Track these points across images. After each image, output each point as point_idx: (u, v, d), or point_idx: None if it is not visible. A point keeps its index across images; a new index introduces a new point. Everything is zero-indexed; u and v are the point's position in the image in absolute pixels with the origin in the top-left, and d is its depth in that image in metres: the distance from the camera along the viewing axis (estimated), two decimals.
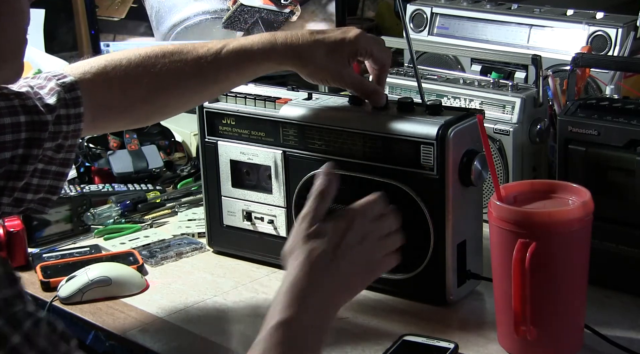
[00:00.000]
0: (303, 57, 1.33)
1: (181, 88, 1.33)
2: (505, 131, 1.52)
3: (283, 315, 0.99)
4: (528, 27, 1.84)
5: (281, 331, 0.98)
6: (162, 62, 1.31)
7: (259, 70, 1.35)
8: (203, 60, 1.32)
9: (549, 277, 1.12)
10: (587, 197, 1.15)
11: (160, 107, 1.35)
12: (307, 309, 1.01)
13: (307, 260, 1.05)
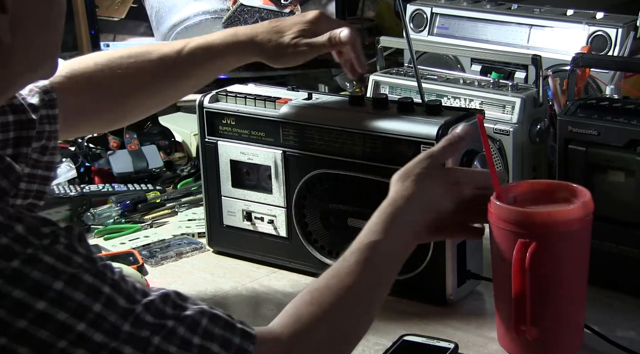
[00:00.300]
0: (264, 45, 1.36)
1: (149, 88, 1.35)
2: (505, 131, 1.52)
3: (374, 237, 1.05)
4: (528, 27, 1.84)
5: (369, 251, 1.04)
6: (127, 63, 1.33)
7: (224, 65, 1.38)
8: (167, 59, 1.34)
9: (549, 277, 1.12)
10: (587, 197, 1.15)
11: (131, 108, 1.37)
12: (395, 236, 1.07)
13: (412, 189, 1.10)
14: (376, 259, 1.04)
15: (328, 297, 0.98)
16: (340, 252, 1.37)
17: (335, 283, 0.99)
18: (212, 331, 0.85)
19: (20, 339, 0.72)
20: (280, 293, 1.37)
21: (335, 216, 1.36)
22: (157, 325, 0.80)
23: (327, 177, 1.35)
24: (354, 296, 1.00)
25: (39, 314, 0.73)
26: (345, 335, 1.00)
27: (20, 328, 0.72)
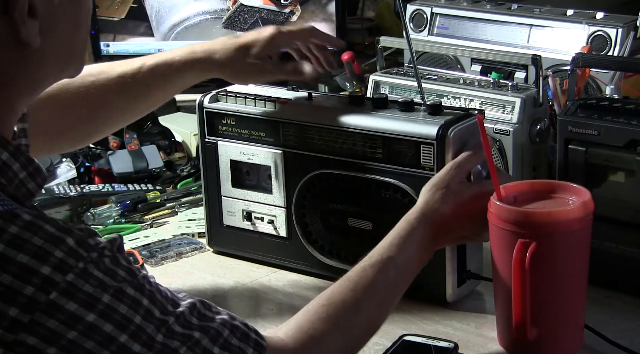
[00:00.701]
0: (222, 62, 1.36)
1: (112, 106, 1.35)
2: (505, 131, 1.52)
3: (395, 252, 1.09)
4: (528, 27, 1.84)
5: (388, 268, 1.07)
6: (88, 82, 1.33)
7: (183, 82, 1.38)
8: (126, 76, 1.34)
9: (549, 277, 1.12)
10: (587, 197, 1.15)
11: (99, 124, 1.38)
12: (414, 253, 1.11)
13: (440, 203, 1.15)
14: (393, 276, 1.07)
15: (344, 314, 1.00)
16: (341, 252, 1.38)
17: (352, 300, 1.01)
18: (230, 341, 0.89)
19: (68, 350, 0.75)
20: (280, 293, 1.37)
21: (335, 216, 1.36)
22: (185, 336, 0.84)
23: (327, 177, 1.35)
24: (369, 313, 1.03)
25: (88, 325, 0.75)
26: (354, 349, 1.03)
27: (70, 339, 0.75)
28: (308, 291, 1.37)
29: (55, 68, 0.91)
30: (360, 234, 1.34)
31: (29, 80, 0.89)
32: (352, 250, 1.36)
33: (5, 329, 0.73)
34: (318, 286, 1.38)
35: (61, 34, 0.89)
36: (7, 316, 0.73)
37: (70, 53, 0.92)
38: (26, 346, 0.73)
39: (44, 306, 0.74)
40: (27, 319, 0.73)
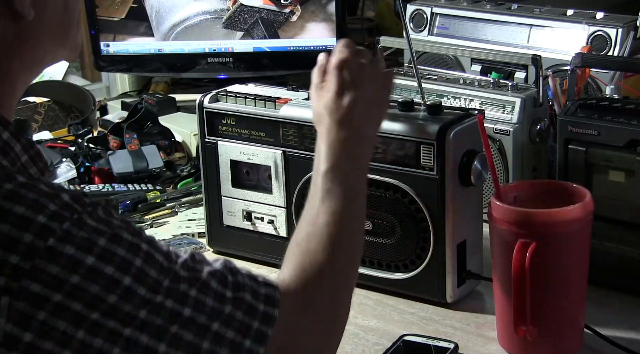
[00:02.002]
0: None
1: None
2: (505, 131, 1.52)
3: (325, 165, 1.04)
4: (528, 27, 1.84)
5: (326, 177, 1.03)
6: None
7: None
8: None
9: (549, 277, 1.12)
10: (587, 197, 1.15)
11: None
12: (345, 152, 1.05)
13: (326, 108, 1.09)
14: (335, 186, 1.02)
15: (314, 243, 0.98)
16: None
17: (312, 229, 1.00)
18: (243, 281, 0.89)
19: (74, 295, 0.76)
20: None
21: None
22: (192, 278, 0.84)
23: None
24: (336, 230, 1.00)
25: (89, 269, 0.76)
26: (348, 265, 1.01)
27: (74, 284, 0.76)
28: None
29: (50, 45, 0.91)
30: None
31: (28, 57, 0.89)
32: None
33: (8, 277, 0.74)
34: None
35: (52, 9, 0.90)
36: (9, 264, 0.74)
37: (63, 32, 0.92)
38: (32, 294, 0.74)
39: (43, 252, 0.75)
40: (28, 265, 0.74)
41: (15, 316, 0.74)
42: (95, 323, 0.77)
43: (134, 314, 0.78)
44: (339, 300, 0.99)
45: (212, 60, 2.22)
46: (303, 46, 2.20)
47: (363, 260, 1.36)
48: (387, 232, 1.32)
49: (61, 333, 0.75)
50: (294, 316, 0.91)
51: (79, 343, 0.76)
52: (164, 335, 0.80)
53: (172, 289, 0.81)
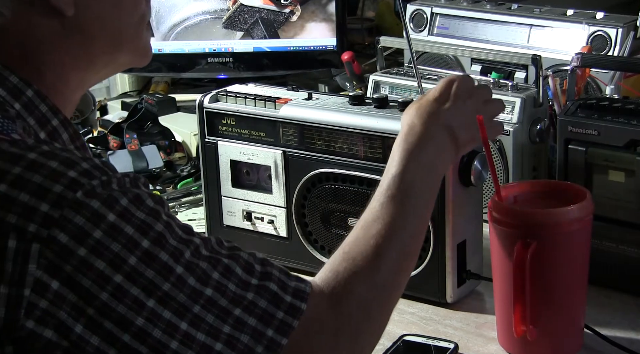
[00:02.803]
0: None
1: None
2: (505, 131, 1.52)
3: (392, 171, 1.02)
4: (528, 27, 1.84)
5: (390, 189, 1.01)
6: None
7: None
8: None
9: (549, 277, 1.12)
10: (587, 197, 1.15)
11: None
12: (417, 160, 1.04)
13: (419, 110, 1.08)
14: (400, 193, 1.00)
15: (357, 249, 0.96)
16: None
17: (362, 234, 0.97)
18: (271, 272, 0.89)
19: (97, 251, 0.78)
20: None
21: (335, 216, 1.36)
22: (213, 259, 0.84)
23: (327, 177, 1.35)
24: (386, 239, 0.97)
25: (110, 225, 0.78)
26: (387, 282, 0.98)
27: (97, 238, 0.78)
28: None
29: (103, 44, 0.93)
30: None
31: (77, 54, 0.92)
32: None
33: (39, 225, 0.76)
34: None
35: (98, 10, 0.91)
36: (40, 212, 0.77)
37: (117, 35, 0.94)
38: (60, 244, 0.77)
39: (71, 203, 0.77)
40: (57, 214, 0.77)
41: (45, 263, 0.76)
42: (119, 286, 0.78)
43: (157, 284, 0.79)
44: (369, 315, 0.95)
45: (212, 60, 2.22)
46: (303, 46, 2.20)
47: None
48: None
49: (85, 290, 0.77)
50: (317, 316, 0.89)
51: (102, 304, 0.77)
52: (186, 313, 0.80)
53: (192, 264, 0.82)
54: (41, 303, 0.76)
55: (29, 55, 0.89)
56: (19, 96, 0.88)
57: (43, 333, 0.76)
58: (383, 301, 0.97)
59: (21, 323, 0.76)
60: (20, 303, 0.76)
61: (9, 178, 0.78)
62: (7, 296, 0.76)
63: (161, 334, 0.79)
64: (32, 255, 0.76)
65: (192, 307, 0.81)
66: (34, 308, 0.76)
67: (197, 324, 0.81)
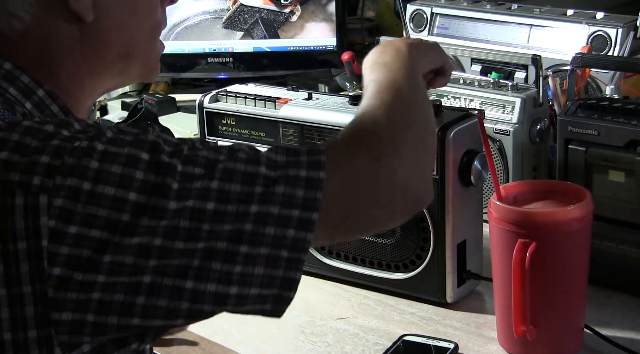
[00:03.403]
0: None
1: None
2: (505, 131, 1.52)
3: (372, 76, 1.01)
4: (528, 27, 1.84)
5: (374, 82, 1.00)
6: None
7: None
8: None
9: (549, 277, 1.12)
10: (587, 197, 1.15)
11: None
12: (391, 65, 1.03)
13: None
14: (380, 84, 0.99)
15: (366, 108, 0.95)
16: (340, 252, 1.38)
17: (366, 104, 0.96)
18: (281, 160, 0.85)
19: (102, 179, 0.78)
20: None
21: None
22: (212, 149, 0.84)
23: None
24: (390, 96, 0.96)
25: (103, 152, 0.79)
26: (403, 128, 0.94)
27: (94, 168, 0.78)
28: (308, 291, 1.37)
29: (118, 54, 0.94)
30: None
31: (92, 60, 0.92)
32: (352, 250, 1.36)
33: (43, 176, 0.77)
34: (318, 286, 1.38)
35: (116, 16, 0.92)
36: (41, 163, 0.77)
37: (132, 42, 0.95)
38: (65, 188, 0.77)
39: (71, 151, 0.78)
40: (59, 162, 0.77)
41: (56, 212, 0.76)
42: (136, 204, 0.77)
43: (168, 186, 0.78)
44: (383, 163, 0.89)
45: (212, 60, 2.22)
46: (303, 46, 2.20)
47: (363, 260, 1.36)
48: (387, 232, 1.32)
49: (104, 219, 0.77)
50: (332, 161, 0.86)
51: (125, 226, 0.77)
52: (204, 216, 0.79)
53: (191, 152, 0.81)
54: (62, 249, 0.77)
55: (46, 59, 0.90)
56: (30, 95, 0.88)
57: (73, 275, 0.77)
58: (402, 147, 0.92)
59: (47, 272, 0.76)
60: (41, 255, 0.76)
61: (9, 145, 0.78)
62: (26, 251, 0.76)
63: (189, 224, 0.79)
64: (42, 207, 0.76)
65: (202, 226, 0.79)
66: (55, 256, 0.76)
67: (217, 232, 0.80)
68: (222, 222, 0.80)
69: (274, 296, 0.85)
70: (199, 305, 0.80)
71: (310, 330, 1.26)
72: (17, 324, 0.77)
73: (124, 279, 0.78)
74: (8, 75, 0.88)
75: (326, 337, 1.24)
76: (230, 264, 0.80)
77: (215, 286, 0.80)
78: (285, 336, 1.25)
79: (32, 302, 0.77)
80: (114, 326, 0.78)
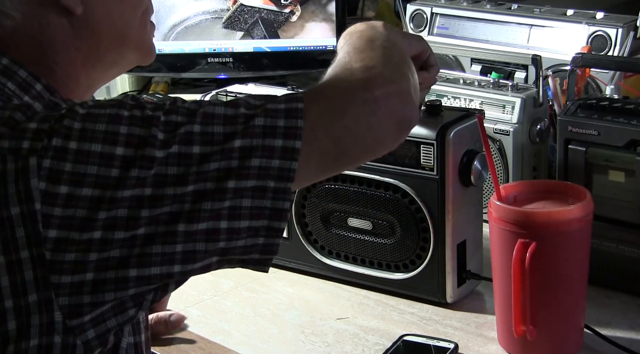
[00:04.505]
0: None
1: None
2: (505, 131, 1.52)
3: (344, 41, 1.03)
4: (528, 27, 1.84)
5: (347, 44, 1.01)
6: None
7: None
8: None
9: (549, 277, 1.12)
10: (587, 197, 1.15)
11: None
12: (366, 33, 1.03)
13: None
14: (360, 39, 1.01)
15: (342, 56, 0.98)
16: (340, 252, 1.38)
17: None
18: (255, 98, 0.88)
19: (87, 138, 0.79)
20: (281, 293, 1.37)
21: (335, 216, 1.36)
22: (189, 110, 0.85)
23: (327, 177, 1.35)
24: (364, 44, 0.98)
25: (86, 114, 0.81)
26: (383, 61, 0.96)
27: (78, 128, 0.79)
28: (308, 291, 1.37)
29: (111, 42, 0.95)
30: (360, 234, 1.34)
31: (86, 52, 0.93)
32: (352, 250, 1.36)
33: (32, 140, 0.79)
34: (318, 286, 1.39)
35: (105, 6, 0.93)
36: (29, 129, 0.79)
37: (123, 30, 0.96)
38: (52, 148, 0.78)
39: (57, 117, 0.80)
40: (46, 126, 0.79)
41: (45, 173, 0.78)
42: (124, 158, 0.79)
43: (151, 143, 0.80)
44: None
45: (212, 60, 2.21)
46: (303, 46, 2.20)
47: (363, 260, 1.36)
48: (387, 232, 1.32)
49: (94, 176, 0.78)
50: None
51: (116, 181, 0.78)
52: (187, 179, 0.80)
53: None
54: (55, 211, 0.77)
55: (41, 54, 0.91)
56: (28, 90, 0.89)
57: (69, 236, 0.78)
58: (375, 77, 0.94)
59: (43, 235, 0.77)
60: (35, 218, 0.77)
61: (1, 121, 0.80)
62: (21, 215, 0.77)
63: (176, 170, 0.80)
64: (32, 170, 0.77)
65: (185, 179, 0.81)
66: (50, 218, 0.77)
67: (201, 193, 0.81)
68: (208, 162, 0.81)
69: (264, 228, 0.85)
70: (192, 246, 0.81)
71: (310, 330, 1.26)
72: (16, 290, 0.78)
73: (119, 234, 0.79)
74: (5, 70, 0.89)
75: (326, 337, 1.24)
76: (219, 201, 0.81)
77: (206, 224, 0.81)
78: (285, 336, 1.25)
79: (30, 267, 0.78)
80: (112, 280, 0.79)
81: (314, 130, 0.86)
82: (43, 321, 0.79)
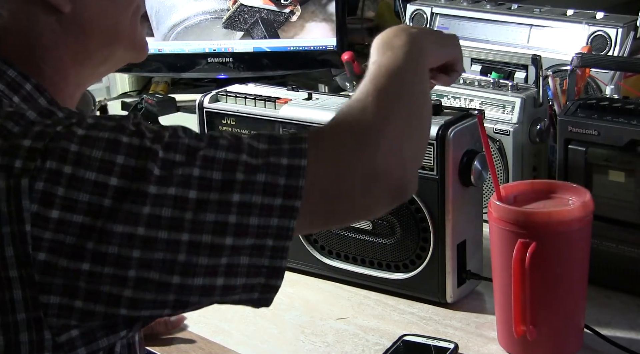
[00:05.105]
0: None
1: None
2: (505, 131, 1.52)
3: (376, 57, 0.98)
4: (528, 27, 1.84)
5: (376, 65, 0.97)
6: None
7: None
8: None
9: (549, 277, 1.12)
10: (587, 197, 1.15)
11: None
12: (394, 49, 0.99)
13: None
14: (381, 68, 0.96)
15: (357, 95, 0.93)
16: (340, 252, 1.38)
17: (354, 103, 0.92)
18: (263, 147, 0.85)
19: (82, 164, 0.78)
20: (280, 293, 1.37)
21: None
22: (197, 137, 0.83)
23: None
24: (384, 81, 0.94)
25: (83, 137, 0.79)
26: (392, 105, 0.93)
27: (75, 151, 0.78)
28: (308, 291, 1.37)
29: (101, 40, 0.94)
30: (360, 234, 1.34)
31: (75, 50, 0.92)
32: (352, 250, 1.36)
33: (25, 159, 0.77)
34: (318, 286, 1.38)
35: (94, 4, 0.92)
36: (23, 147, 0.78)
37: (113, 28, 0.94)
38: (46, 171, 0.77)
39: (53, 135, 0.78)
40: (41, 145, 0.78)
41: (38, 196, 0.76)
42: (117, 189, 0.77)
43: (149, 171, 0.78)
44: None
45: (212, 60, 2.22)
46: (303, 46, 2.20)
47: (363, 260, 1.36)
48: (387, 232, 1.32)
49: (87, 204, 0.77)
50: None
51: (107, 211, 0.77)
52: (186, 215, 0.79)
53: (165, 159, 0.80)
54: (45, 234, 0.76)
55: (29, 52, 0.90)
56: (18, 90, 0.88)
57: (58, 262, 0.77)
58: (392, 125, 0.91)
59: (32, 257, 0.77)
60: (25, 239, 0.77)
61: None
62: (11, 234, 0.77)
63: (171, 212, 0.78)
64: (23, 190, 0.76)
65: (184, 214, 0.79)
66: (40, 241, 0.76)
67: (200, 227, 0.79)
68: (205, 212, 0.79)
69: (261, 285, 0.85)
70: (185, 297, 0.81)
71: (310, 330, 1.26)
72: (5, 307, 0.78)
73: (109, 270, 0.77)
74: None
75: (326, 337, 1.24)
76: (216, 257, 0.80)
77: (202, 280, 0.80)
78: (285, 336, 1.25)
79: (19, 286, 0.77)
80: (102, 314, 0.79)
81: (312, 191, 0.84)
82: (33, 339, 0.78)
